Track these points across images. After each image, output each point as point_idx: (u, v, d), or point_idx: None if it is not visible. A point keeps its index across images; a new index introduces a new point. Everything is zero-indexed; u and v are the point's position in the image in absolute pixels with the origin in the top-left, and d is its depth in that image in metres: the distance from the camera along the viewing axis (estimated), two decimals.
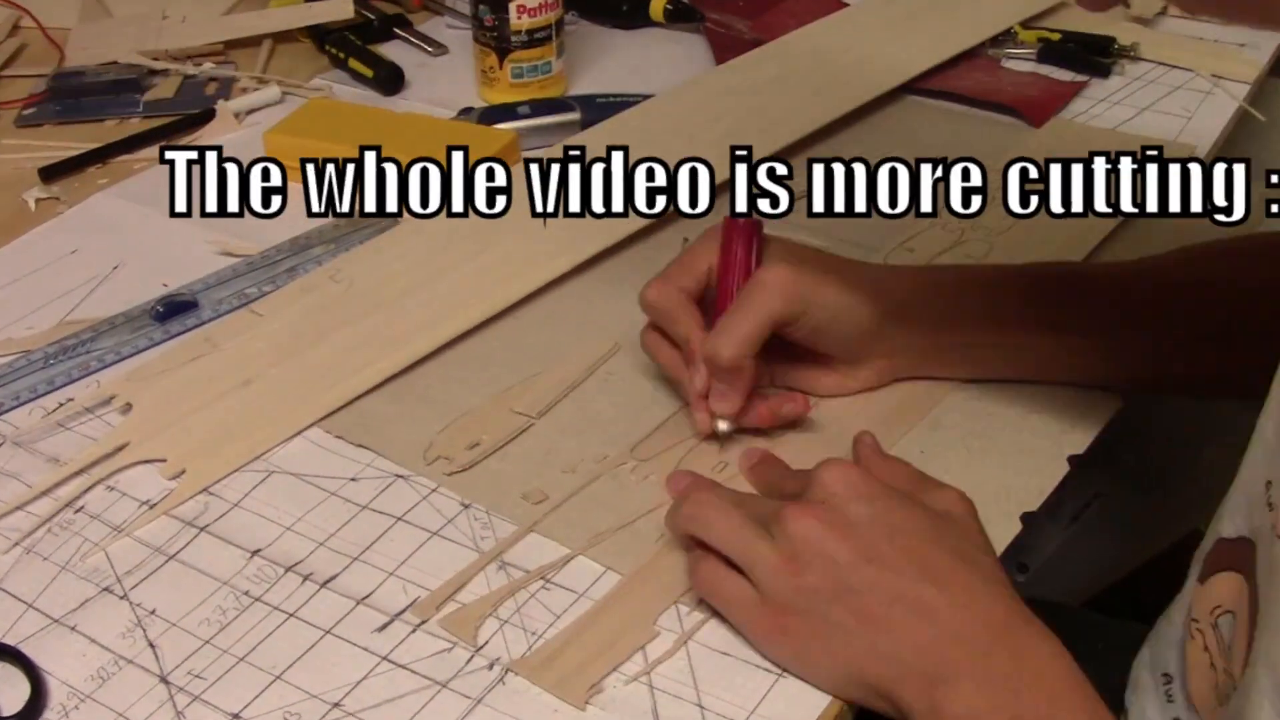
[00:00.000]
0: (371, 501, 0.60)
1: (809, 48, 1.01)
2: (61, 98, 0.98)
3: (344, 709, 0.50)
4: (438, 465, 0.62)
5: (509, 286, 0.73)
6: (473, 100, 0.98)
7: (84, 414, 0.66)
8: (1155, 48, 1.04)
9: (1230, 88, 0.98)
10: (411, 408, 0.66)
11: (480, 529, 0.58)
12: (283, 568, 0.57)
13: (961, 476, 0.57)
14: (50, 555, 0.58)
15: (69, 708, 0.51)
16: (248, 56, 1.06)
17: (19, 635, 0.54)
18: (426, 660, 0.52)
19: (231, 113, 0.95)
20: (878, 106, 0.95)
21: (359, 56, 1.02)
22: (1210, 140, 0.91)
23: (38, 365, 0.69)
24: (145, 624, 0.54)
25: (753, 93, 0.94)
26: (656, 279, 0.63)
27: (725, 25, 1.10)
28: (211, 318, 0.73)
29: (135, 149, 0.91)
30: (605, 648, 0.52)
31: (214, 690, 0.51)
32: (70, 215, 0.84)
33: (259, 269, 0.77)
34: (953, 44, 1.02)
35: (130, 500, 0.60)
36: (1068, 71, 1.01)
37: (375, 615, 0.54)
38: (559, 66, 0.98)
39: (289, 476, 0.62)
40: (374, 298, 0.73)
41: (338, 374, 0.67)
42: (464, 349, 0.70)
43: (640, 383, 0.67)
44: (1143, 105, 0.96)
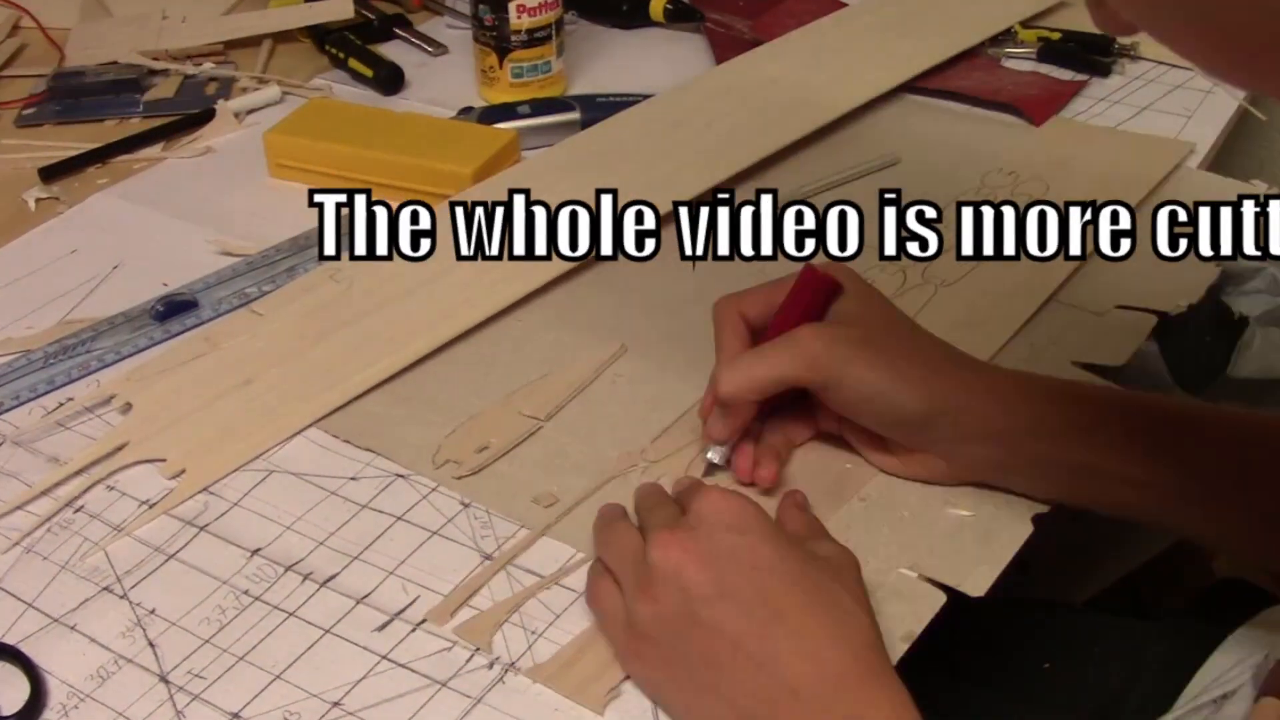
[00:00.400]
0: (371, 501, 0.60)
1: (809, 48, 1.01)
2: (61, 98, 0.98)
3: (344, 708, 0.50)
4: (446, 469, 0.62)
5: (509, 286, 0.73)
6: (473, 100, 0.98)
7: (84, 413, 0.66)
8: (1155, 47, 1.03)
9: (1231, 87, 0.98)
10: (418, 411, 0.65)
11: (480, 528, 0.58)
12: (282, 567, 0.57)
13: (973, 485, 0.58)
14: (50, 555, 0.58)
15: (69, 707, 0.51)
16: (248, 56, 1.06)
17: (19, 634, 0.54)
18: (426, 659, 0.52)
19: (231, 113, 0.96)
20: (877, 106, 0.95)
21: (359, 56, 1.02)
22: (1210, 140, 0.91)
23: (38, 365, 0.69)
24: (145, 623, 0.54)
25: (753, 93, 0.94)
26: (732, 294, 0.62)
27: (725, 25, 1.10)
28: (211, 317, 0.73)
29: (135, 149, 0.92)
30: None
31: (214, 689, 0.51)
32: (70, 215, 0.84)
33: (259, 268, 0.77)
34: (953, 44, 1.02)
35: (130, 500, 0.60)
36: (1068, 71, 1.01)
37: (375, 614, 0.54)
38: (559, 66, 0.98)
39: (289, 476, 0.62)
40: (374, 297, 0.73)
41: (338, 374, 0.67)
42: (469, 351, 0.70)
43: (649, 385, 0.67)
44: (1143, 104, 0.96)
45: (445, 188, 0.82)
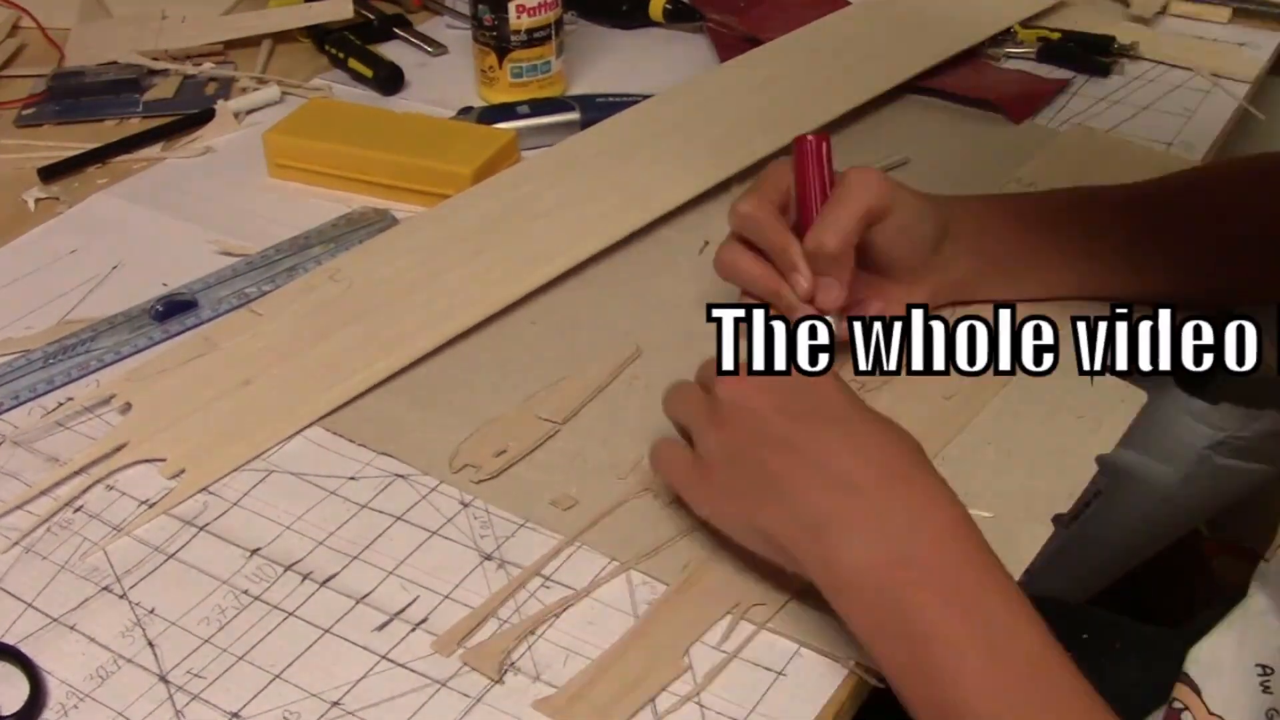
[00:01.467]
0: (371, 500, 0.60)
1: (809, 47, 1.01)
2: (61, 98, 0.98)
3: (343, 708, 0.50)
4: (465, 473, 0.61)
5: (509, 288, 0.73)
6: (472, 100, 0.98)
7: (84, 414, 0.66)
8: (1155, 47, 1.04)
9: (1230, 87, 0.98)
10: (436, 415, 0.65)
11: (480, 528, 0.58)
12: (282, 567, 0.57)
13: (990, 481, 0.59)
14: (50, 555, 0.58)
15: (68, 707, 0.51)
16: (247, 56, 1.06)
17: (18, 634, 0.54)
18: (426, 659, 0.52)
19: (231, 113, 0.96)
20: (875, 105, 0.95)
21: (358, 56, 1.02)
22: (1209, 140, 0.91)
23: (37, 365, 0.69)
24: (144, 623, 0.54)
25: (752, 93, 0.94)
26: (747, 193, 0.65)
27: (727, 26, 1.10)
28: (211, 317, 0.73)
29: (135, 149, 0.92)
30: (633, 685, 0.51)
31: (213, 689, 0.51)
32: (70, 215, 0.84)
33: (258, 268, 0.77)
34: (952, 43, 1.02)
35: (130, 500, 0.60)
36: (1067, 71, 1.01)
37: (374, 614, 0.54)
38: (558, 66, 0.98)
39: (288, 475, 0.62)
40: (373, 297, 0.73)
41: (337, 373, 0.67)
42: (486, 355, 0.70)
43: (666, 386, 0.66)
44: (1142, 105, 0.96)
45: (445, 188, 0.82)
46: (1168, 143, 0.91)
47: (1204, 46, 1.05)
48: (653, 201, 0.81)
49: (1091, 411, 0.65)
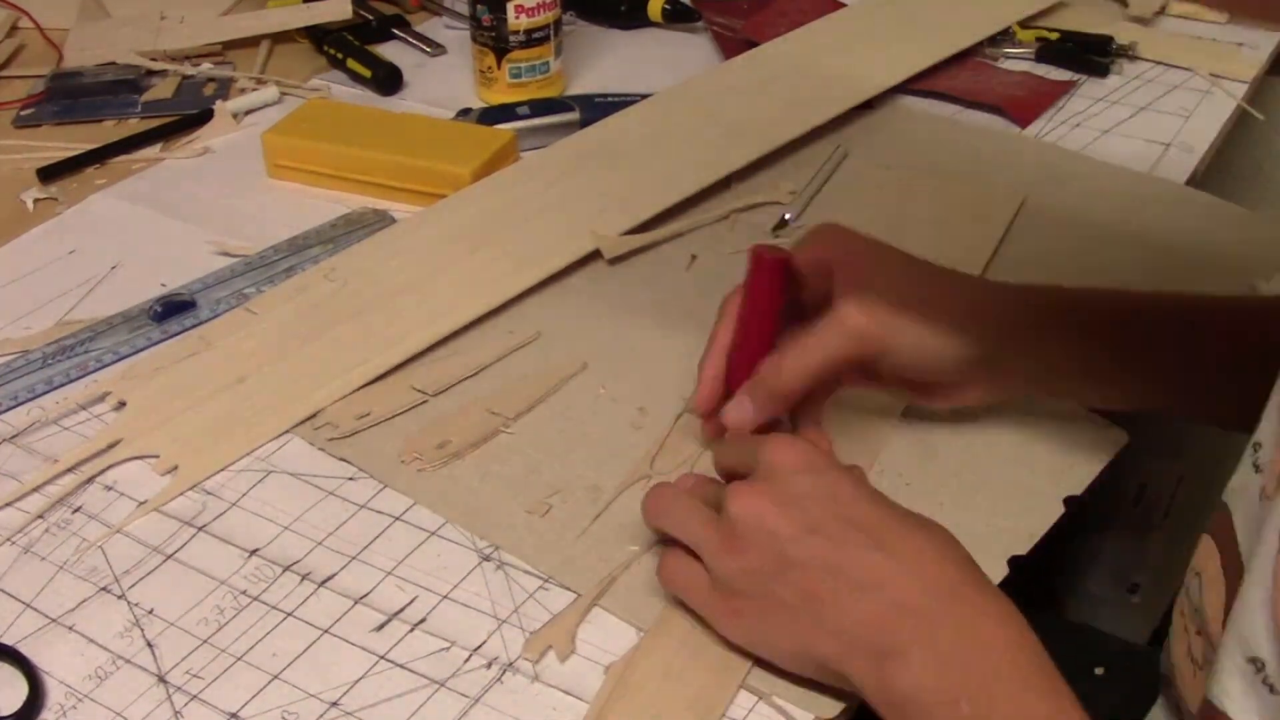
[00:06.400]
0: (369, 501, 0.60)
1: (807, 47, 1.01)
2: (59, 98, 0.98)
3: (342, 708, 0.50)
4: (413, 466, 0.61)
5: (502, 287, 0.73)
6: (471, 100, 0.98)
7: (83, 415, 0.66)
8: (1153, 47, 1.04)
9: (1229, 87, 0.98)
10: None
11: None
12: (280, 567, 0.57)
13: (952, 514, 0.53)
14: (48, 555, 0.58)
15: (67, 707, 0.51)
16: (246, 57, 1.06)
17: (17, 635, 0.54)
18: (424, 659, 0.52)
19: (230, 113, 0.95)
20: (872, 106, 0.95)
21: (357, 57, 1.02)
22: (1208, 140, 0.91)
23: (36, 365, 0.69)
24: (143, 623, 0.54)
25: (751, 93, 0.94)
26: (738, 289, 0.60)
27: (728, 26, 1.09)
28: (209, 317, 0.73)
29: (133, 149, 0.91)
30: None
31: (212, 689, 0.51)
32: (68, 216, 0.84)
33: (257, 269, 0.77)
34: (950, 44, 1.02)
35: (128, 500, 0.60)
36: (1066, 71, 1.01)
37: (373, 614, 0.54)
38: (557, 67, 0.98)
39: (287, 476, 0.62)
40: (367, 296, 0.73)
41: (330, 371, 0.67)
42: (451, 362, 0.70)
43: (633, 399, 0.66)
44: (1141, 105, 0.96)
45: (444, 188, 0.82)
46: (1166, 143, 0.91)
47: (1202, 46, 1.05)
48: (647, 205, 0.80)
49: (1067, 450, 0.62)
